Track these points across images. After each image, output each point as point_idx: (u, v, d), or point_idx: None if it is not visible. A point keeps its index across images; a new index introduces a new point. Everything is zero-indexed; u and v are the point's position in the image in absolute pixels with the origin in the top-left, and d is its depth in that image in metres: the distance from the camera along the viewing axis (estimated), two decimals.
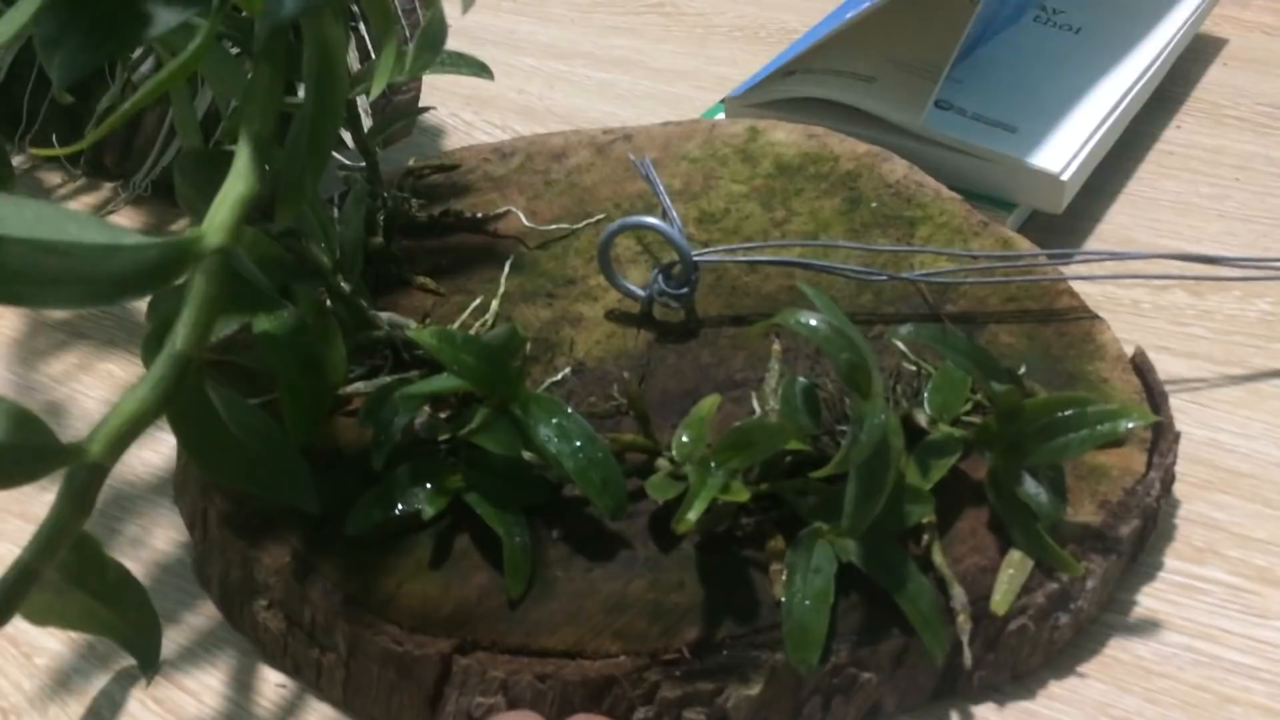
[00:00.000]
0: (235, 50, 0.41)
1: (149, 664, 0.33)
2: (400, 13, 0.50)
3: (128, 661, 0.34)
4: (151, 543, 0.37)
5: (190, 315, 0.27)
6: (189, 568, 0.36)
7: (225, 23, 0.31)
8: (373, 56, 0.42)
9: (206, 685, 0.33)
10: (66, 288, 0.25)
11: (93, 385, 0.44)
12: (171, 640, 0.34)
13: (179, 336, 0.27)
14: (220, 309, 0.27)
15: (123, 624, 0.32)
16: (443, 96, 0.60)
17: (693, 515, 0.30)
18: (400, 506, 0.33)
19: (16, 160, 0.55)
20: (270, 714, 0.32)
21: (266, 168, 0.29)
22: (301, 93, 0.45)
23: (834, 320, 0.31)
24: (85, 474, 0.26)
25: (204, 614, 0.35)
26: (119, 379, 0.44)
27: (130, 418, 0.26)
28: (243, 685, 0.33)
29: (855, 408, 0.29)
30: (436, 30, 0.26)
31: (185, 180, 0.31)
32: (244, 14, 0.32)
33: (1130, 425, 0.31)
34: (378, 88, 0.29)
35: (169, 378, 0.27)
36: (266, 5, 0.25)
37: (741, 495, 0.31)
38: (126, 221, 0.52)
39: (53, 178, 0.55)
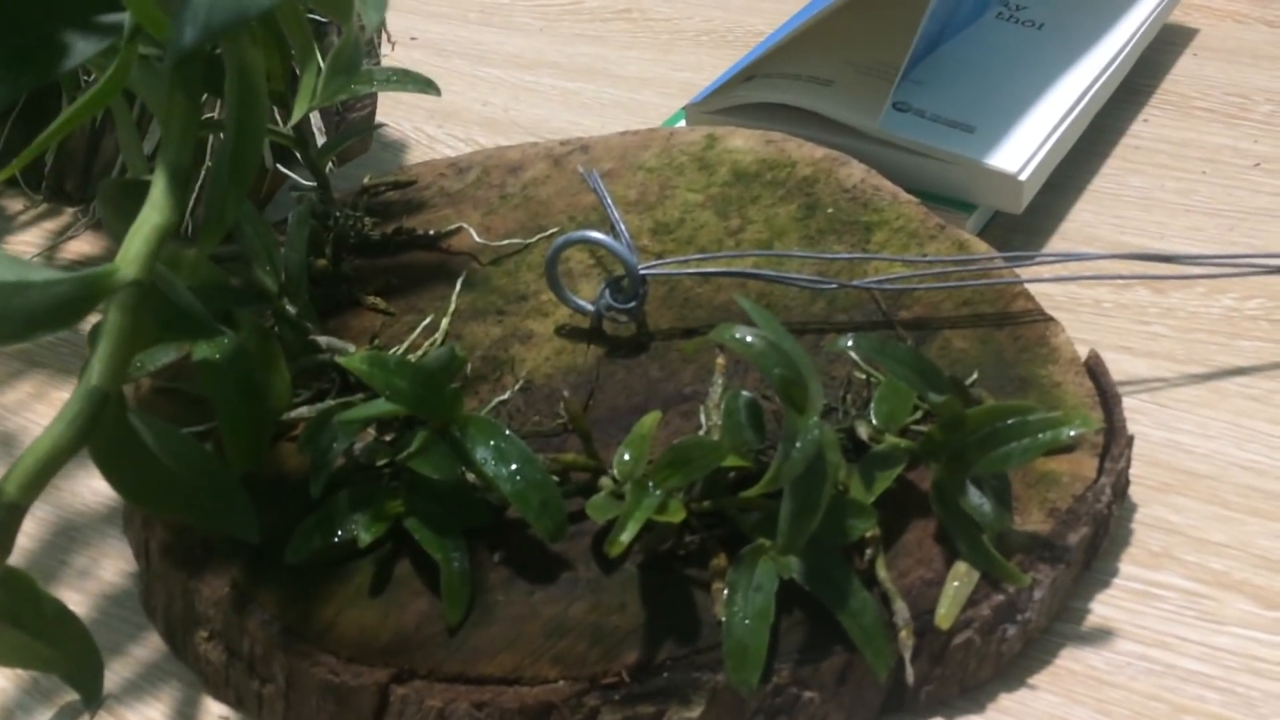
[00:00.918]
0: None
1: (91, 698, 0.33)
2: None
3: (71, 695, 0.33)
4: (100, 574, 0.37)
5: (105, 349, 0.27)
6: (136, 599, 0.36)
7: (155, 45, 0.31)
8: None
9: (149, 718, 0.33)
10: None
11: (47, 414, 0.43)
12: (116, 673, 0.34)
13: (94, 372, 0.27)
14: (137, 342, 0.27)
15: (63, 658, 0.32)
16: (406, 110, 0.60)
17: (625, 537, 0.29)
18: (340, 533, 0.32)
19: None
20: None
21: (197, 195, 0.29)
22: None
23: (770, 334, 0.30)
24: (2, 514, 0.26)
25: (149, 646, 0.35)
26: None
27: (45, 456, 0.26)
28: (185, 717, 0.33)
29: (788, 423, 0.29)
30: (349, 54, 0.26)
31: (108, 209, 0.31)
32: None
33: (1073, 433, 0.31)
34: (297, 114, 0.28)
35: (85, 414, 0.26)
36: (171, 36, 0.25)
37: (677, 515, 0.30)
38: (87, 247, 0.52)
39: (14, 204, 0.54)
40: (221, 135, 0.29)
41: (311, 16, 0.44)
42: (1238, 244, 0.47)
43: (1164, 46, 0.60)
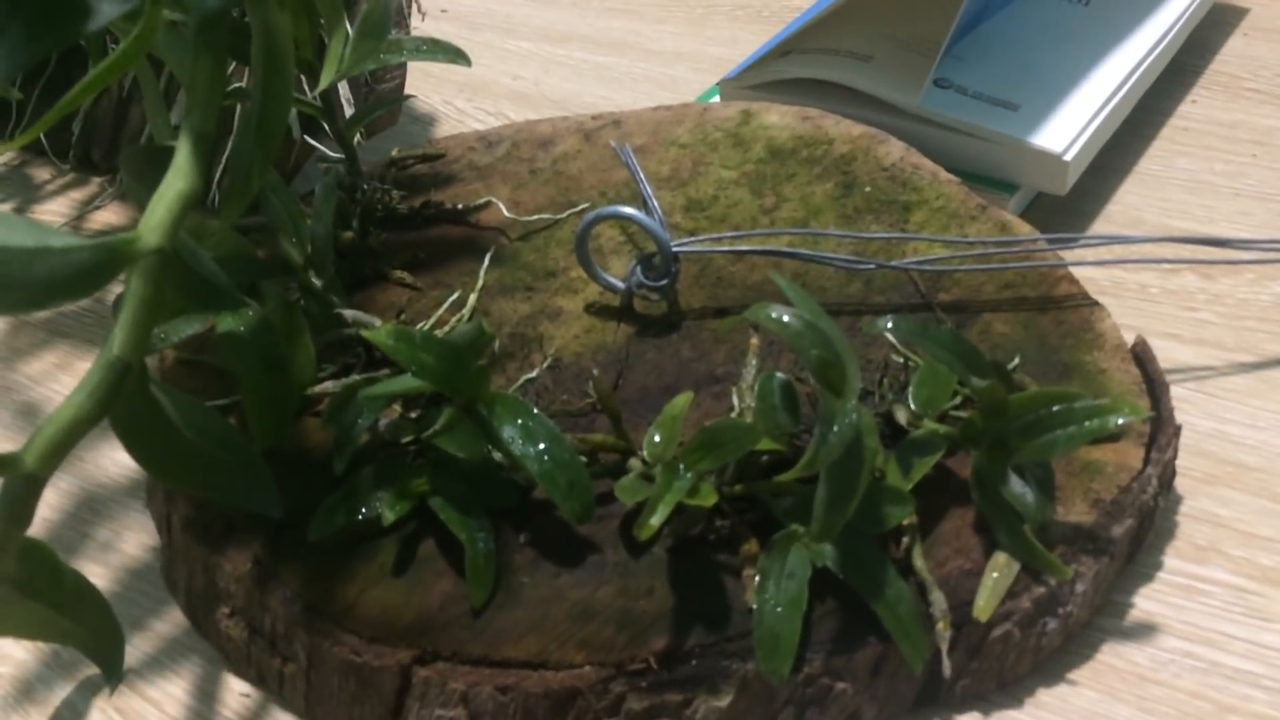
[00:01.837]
0: None
1: (112, 673, 0.32)
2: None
3: (92, 670, 0.33)
4: (122, 547, 0.37)
5: (127, 319, 0.26)
6: (159, 573, 0.36)
7: (181, 9, 0.30)
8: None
9: (170, 694, 0.32)
10: None
11: (70, 385, 0.43)
12: (137, 648, 0.34)
13: (115, 341, 0.26)
14: (159, 312, 0.26)
15: (83, 632, 0.32)
16: (436, 84, 0.59)
17: (655, 520, 0.28)
18: (364, 511, 0.32)
19: (6, 157, 0.55)
20: None
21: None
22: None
23: (806, 314, 0.29)
24: (20, 485, 0.26)
25: (171, 621, 0.34)
26: None
27: (65, 427, 0.25)
28: (206, 694, 0.32)
29: (825, 406, 0.28)
30: (378, 18, 0.25)
31: (132, 177, 0.30)
32: None
33: (1120, 421, 0.29)
34: (325, 80, 0.27)
35: (106, 384, 0.26)
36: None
37: (709, 499, 0.29)
38: (114, 217, 0.51)
39: (42, 173, 0.54)
40: (247, 103, 0.29)
41: None
42: None
43: (1214, 26, 0.58)
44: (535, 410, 0.31)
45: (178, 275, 0.29)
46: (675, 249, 0.38)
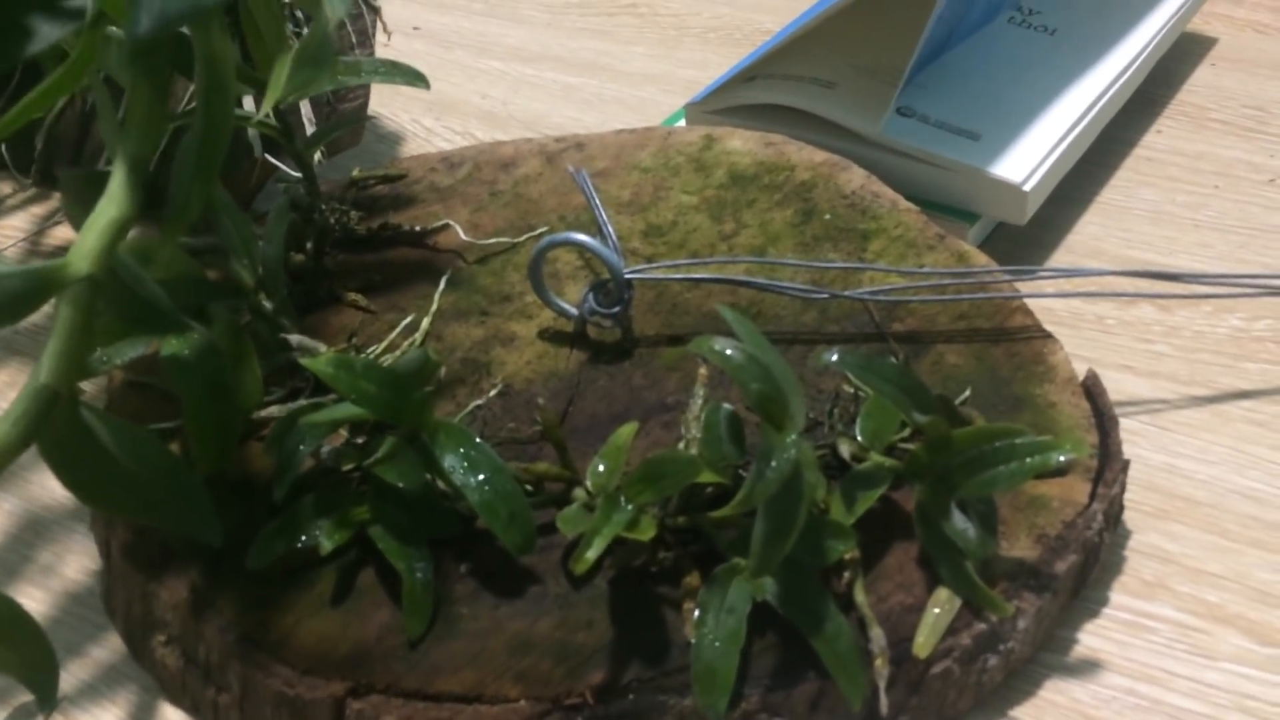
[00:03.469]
0: None
1: (46, 700, 0.32)
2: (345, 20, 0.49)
3: (26, 696, 0.32)
4: (64, 571, 0.36)
5: (55, 346, 0.26)
6: (99, 598, 0.35)
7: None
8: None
9: None
10: None
11: None
12: (74, 674, 0.33)
13: (44, 369, 0.26)
14: (89, 339, 0.26)
15: (16, 659, 0.31)
16: (404, 102, 0.59)
17: (591, 554, 0.28)
18: (303, 539, 0.31)
19: None
20: None
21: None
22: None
23: (750, 347, 0.29)
24: None
25: (109, 647, 0.34)
26: None
27: None
28: None
29: (764, 441, 0.28)
30: (316, 47, 0.25)
31: (70, 200, 0.30)
32: None
33: (1062, 458, 0.29)
34: (267, 105, 0.27)
35: (32, 412, 0.25)
36: (128, 23, 0.24)
37: (647, 533, 0.29)
38: (73, 234, 0.51)
39: (3, 187, 0.54)
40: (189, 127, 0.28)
41: None
42: (1248, 262, 0.46)
43: (1181, 55, 0.58)
44: (478, 440, 0.31)
45: (117, 298, 0.28)
46: (628, 276, 0.38)
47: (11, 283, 0.25)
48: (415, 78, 0.41)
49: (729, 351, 0.29)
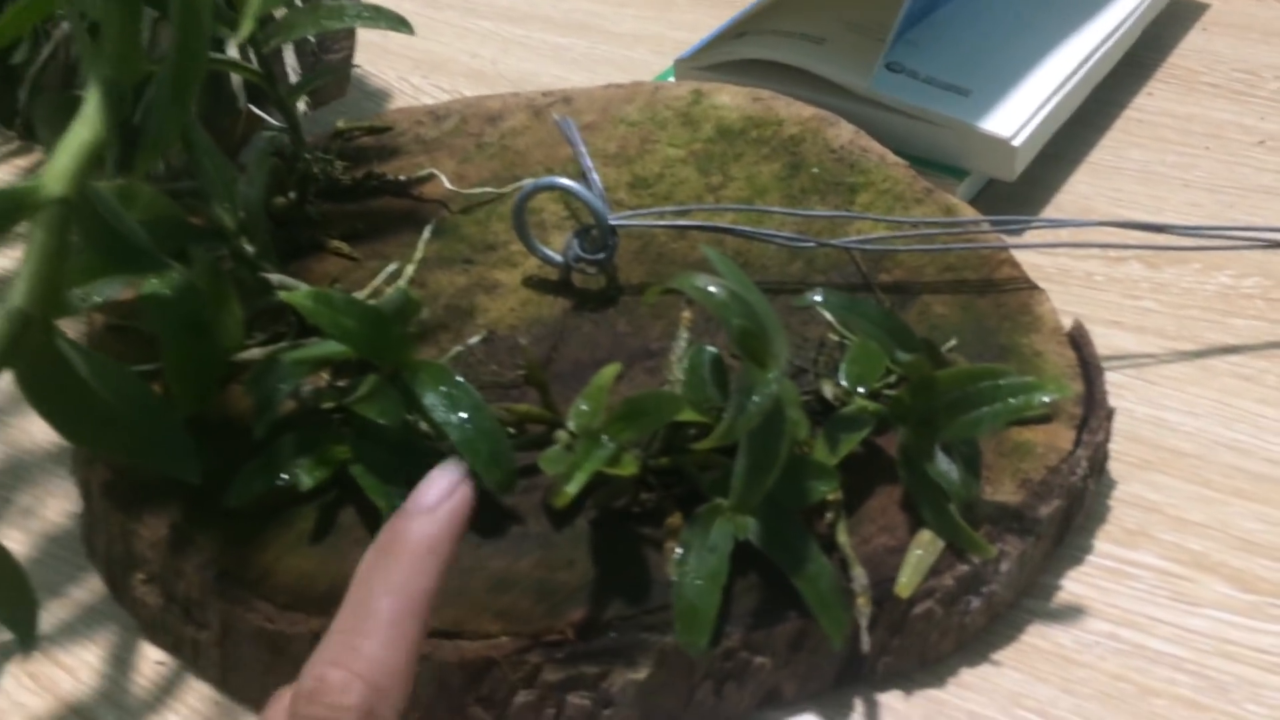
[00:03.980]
0: None
1: (25, 639, 0.32)
2: None
3: (6, 636, 0.32)
4: (43, 513, 0.36)
5: (29, 269, 0.25)
6: (79, 540, 0.35)
7: None
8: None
9: (84, 661, 0.32)
10: None
11: None
12: (54, 614, 0.33)
13: (17, 292, 0.25)
14: (64, 263, 0.26)
15: None
16: (392, 60, 0.58)
17: (571, 488, 0.28)
18: (283, 477, 0.31)
19: None
20: (147, 693, 0.31)
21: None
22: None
23: (734, 285, 0.29)
24: None
25: (89, 588, 0.34)
26: None
27: None
28: (121, 662, 0.32)
29: (745, 375, 0.28)
30: None
31: (43, 126, 0.30)
32: None
33: (1046, 399, 0.29)
34: (243, 31, 0.27)
35: (5, 334, 0.25)
36: None
37: (629, 469, 0.29)
38: None
39: None
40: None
41: None
42: (1237, 221, 0.45)
43: (1174, 20, 0.58)
44: (459, 379, 0.31)
45: (94, 230, 0.28)
46: (613, 222, 0.37)
47: None
48: (399, 23, 0.41)
49: (712, 288, 0.29)
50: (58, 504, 0.36)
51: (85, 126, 0.25)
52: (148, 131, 0.28)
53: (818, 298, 0.31)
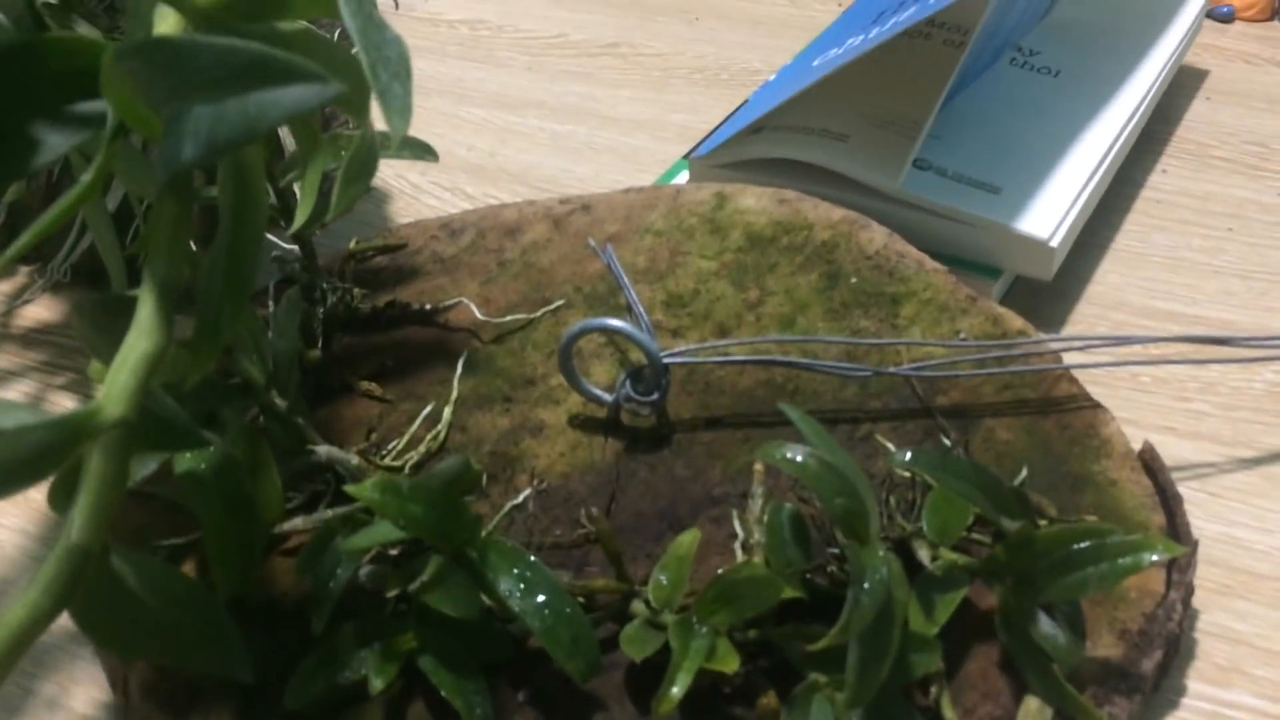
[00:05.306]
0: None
1: None
2: None
3: None
4: (70, 704, 0.33)
5: (88, 501, 0.23)
6: None
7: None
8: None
9: None
10: None
11: (9, 513, 0.39)
12: None
13: (75, 526, 0.23)
14: (122, 488, 0.24)
15: None
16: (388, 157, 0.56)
17: (677, 691, 0.26)
18: (345, 674, 0.29)
19: None
20: None
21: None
22: None
23: (822, 453, 0.27)
24: None
25: None
26: (37, 506, 0.40)
27: (20, 630, 0.23)
28: None
29: (853, 559, 0.26)
30: (365, 158, 0.23)
31: (86, 325, 0.27)
32: None
33: (1154, 559, 0.28)
34: (299, 221, 0.25)
35: (65, 576, 0.23)
36: (165, 147, 0.21)
37: (730, 664, 0.27)
38: (45, 312, 0.48)
39: None
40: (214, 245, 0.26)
41: None
42: (1274, 310, 0.45)
43: (1176, 90, 0.58)
44: (532, 559, 0.29)
45: (139, 428, 0.26)
46: (667, 360, 0.36)
47: (36, 435, 0.22)
48: (424, 151, 0.39)
49: (801, 459, 0.27)
50: (85, 693, 0.34)
51: (143, 338, 0.23)
52: (202, 322, 0.26)
53: (906, 458, 0.29)
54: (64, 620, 0.36)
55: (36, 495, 0.40)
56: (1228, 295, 0.46)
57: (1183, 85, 0.58)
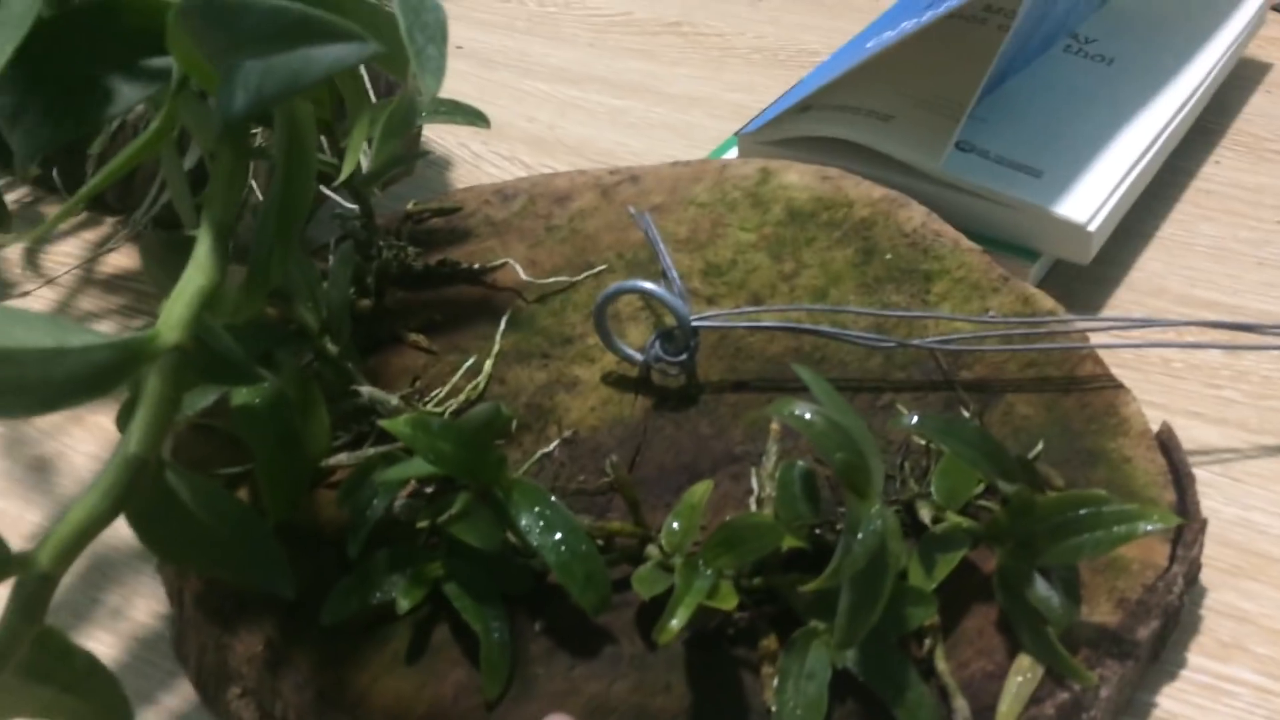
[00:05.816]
0: None
1: None
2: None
3: None
4: (132, 614, 0.36)
5: (144, 416, 0.25)
6: (169, 643, 0.35)
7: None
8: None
9: None
10: (9, 397, 0.24)
11: (83, 439, 0.43)
12: None
13: (133, 439, 0.26)
14: (177, 405, 0.26)
15: (92, 712, 0.31)
16: (451, 126, 0.59)
17: (676, 624, 0.28)
18: (378, 595, 0.31)
19: (19, 193, 0.55)
20: None
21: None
22: None
23: (830, 411, 0.29)
24: (33, 585, 0.25)
25: (180, 694, 0.34)
26: (110, 433, 0.43)
27: (80, 528, 0.25)
28: None
29: (850, 511, 0.27)
30: (402, 115, 0.24)
31: (150, 261, 0.30)
32: None
33: (1150, 529, 0.29)
34: (347, 169, 0.27)
35: (122, 482, 0.25)
36: (220, 98, 0.23)
37: (729, 601, 0.29)
38: (126, 260, 0.51)
39: (53, 211, 0.54)
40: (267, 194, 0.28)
41: None
42: None
43: (1236, 82, 0.58)
44: (553, 499, 0.31)
45: (198, 358, 0.28)
46: (695, 323, 0.37)
47: (100, 355, 0.24)
48: (476, 117, 0.41)
49: (809, 416, 0.29)
50: (146, 605, 0.37)
51: (199, 273, 0.26)
52: (254, 264, 0.28)
53: (913, 421, 0.31)
54: (130, 539, 0.39)
55: (108, 424, 0.43)
56: (1269, 287, 0.46)
57: (1244, 77, 0.58)
